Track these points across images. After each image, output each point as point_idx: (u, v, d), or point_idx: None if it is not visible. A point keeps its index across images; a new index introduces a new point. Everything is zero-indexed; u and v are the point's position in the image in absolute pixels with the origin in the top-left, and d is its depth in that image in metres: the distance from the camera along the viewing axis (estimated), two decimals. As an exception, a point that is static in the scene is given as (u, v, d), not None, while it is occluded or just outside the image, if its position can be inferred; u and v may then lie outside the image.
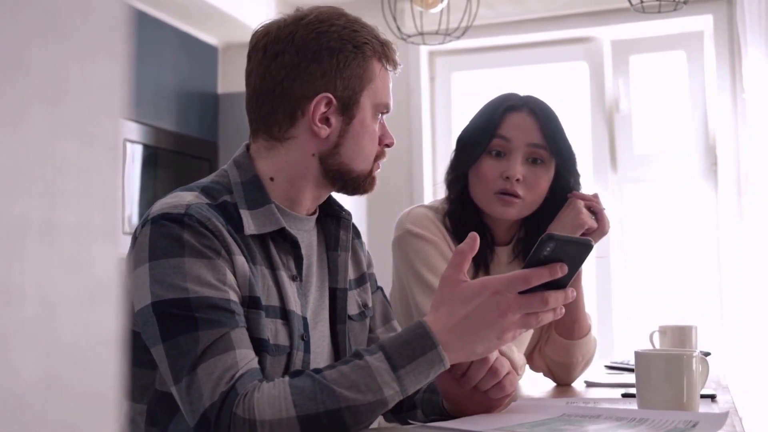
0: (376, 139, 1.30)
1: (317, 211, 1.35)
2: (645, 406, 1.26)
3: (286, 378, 1.07)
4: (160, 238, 1.14)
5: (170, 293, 1.10)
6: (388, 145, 1.34)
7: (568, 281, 1.11)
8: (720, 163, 3.74)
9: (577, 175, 1.77)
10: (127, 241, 1.21)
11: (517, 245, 1.79)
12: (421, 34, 2.95)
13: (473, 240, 1.12)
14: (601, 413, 1.23)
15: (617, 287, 3.93)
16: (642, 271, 3.93)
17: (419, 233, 1.69)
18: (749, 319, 3.49)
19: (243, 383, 1.06)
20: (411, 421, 1.26)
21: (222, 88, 4.01)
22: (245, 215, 1.22)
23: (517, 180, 1.67)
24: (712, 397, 1.46)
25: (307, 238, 1.32)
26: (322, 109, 1.24)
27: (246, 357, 1.10)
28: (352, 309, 1.38)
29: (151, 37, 3.28)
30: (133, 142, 3.14)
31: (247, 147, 1.32)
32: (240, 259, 1.17)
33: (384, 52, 1.29)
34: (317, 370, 1.07)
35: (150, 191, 3.23)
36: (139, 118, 3.18)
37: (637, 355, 1.29)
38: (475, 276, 1.72)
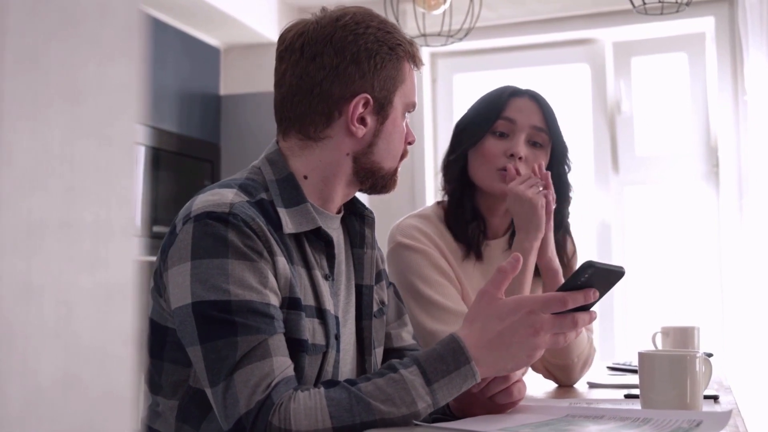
0: (402, 138, 1.34)
1: (342, 209, 1.37)
2: (648, 407, 1.26)
3: (322, 389, 1.08)
4: (203, 237, 1.13)
5: (212, 294, 1.11)
6: (410, 143, 1.37)
7: (593, 304, 1.15)
8: (721, 165, 3.75)
9: (568, 165, 1.82)
10: (137, 242, 1.21)
11: (511, 238, 1.81)
12: (424, 35, 2.95)
13: (516, 261, 1.15)
14: (604, 414, 1.23)
15: (619, 289, 3.93)
16: (644, 272, 3.93)
17: (408, 244, 1.71)
18: (751, 320, 3.50)
19: (279, 392, 1.07)
20: (415, 422, 1.26)
21: (224, 89, 4.01)
22: (283, 214, 1.22)
23: (520, 158, 1.72)
24: (715, 398, 1.46)
25: (336, 236, 1.33)
26: (360, 109, 1.26)
27: (282, 365, 1.10)
28: (374, 306, 1.39)
29: (153, 38, 3.28)
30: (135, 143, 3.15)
31: (277, 143, 1.33)
32: (281, 260, 1.18)
33: (412, 53, 1.33)
34: (352, 382, 1.09)
35: (152, 193, 3.23)
36: (141, 120, 3.19)
37: (641, 355, 1.29)
38: (465, 261, 1.75)
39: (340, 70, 1.25)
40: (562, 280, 1.73)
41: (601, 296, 1.14)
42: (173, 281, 1.15)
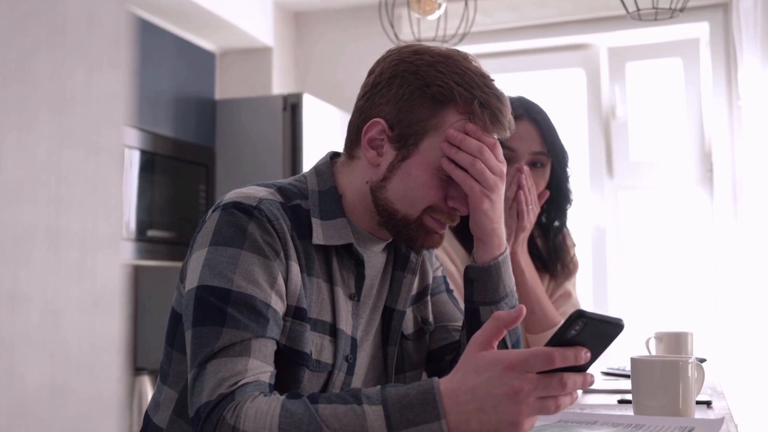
0: (429, 191, 1.21)
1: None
2: (641, 413, 1.26)
3: (282, 397, 1.03)
4: (225, 226, 1.14)
5: (215, 281, 1.11)
6: (452, 208, 1.24)
7: (589, 364, 0.98)
8: (716, 170, 3.75)
9: (568, 171, 1.91)
10: (128, 248, 1.22)
11: None
12: (419, 41, 2.96)
13: (518, 312, 0.98)
14: (597, 419, 1.24)
15: (613, 294, 3.93)
16: (638, 277, 3.94)
17: None
18: (745, 325, 3.50)
19: (243, 391, 1.05)
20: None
21: (219, 94, 4.01)
22: (316, 224, 1.21)
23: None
24: (708, 404, 1.47)
25: (375, 258, 1.29)
26: (375, 134, 1.22)
27: (258, 368, 1.08)
28: (409, 328, 1.36)
29: (148, 42, 3.28)
30: (130, 147, 3.14)
31: (333, 156, 1.32)
32: (295, 267, 1.16)
33: (472, 108, 1.19)
34: (314, 398, 1.02)
35: (147, 197, 3.23)
36: (136, 124, 3.18)
37: (634, 361, 1.29)
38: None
39: (375, 90, 1.24)
40: (526, 265, 1.80)
41: (596, 356, 0.97)
42: (191, 266, 1.16)
